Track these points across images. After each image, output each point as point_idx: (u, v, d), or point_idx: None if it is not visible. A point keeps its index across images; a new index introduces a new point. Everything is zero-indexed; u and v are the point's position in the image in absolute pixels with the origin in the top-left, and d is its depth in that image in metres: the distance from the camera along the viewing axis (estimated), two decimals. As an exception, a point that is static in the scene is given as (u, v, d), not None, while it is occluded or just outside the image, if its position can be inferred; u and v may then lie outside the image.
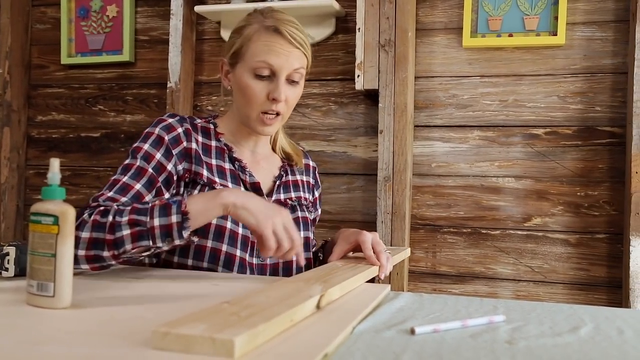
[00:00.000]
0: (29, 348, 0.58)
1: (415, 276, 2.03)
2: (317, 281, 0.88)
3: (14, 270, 0.97)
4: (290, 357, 0.59)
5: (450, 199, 2.02)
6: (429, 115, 2.04)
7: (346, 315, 0.78)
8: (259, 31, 1.14)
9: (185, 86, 2.22)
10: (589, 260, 1.90)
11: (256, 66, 1.13)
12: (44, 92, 2.52)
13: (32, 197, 2.52)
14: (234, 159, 1.21)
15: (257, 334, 0.60)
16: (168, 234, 0.94)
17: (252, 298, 0.74)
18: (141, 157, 1.11)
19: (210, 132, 1.22)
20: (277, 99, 1.13)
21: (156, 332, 0.58)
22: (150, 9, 2.38)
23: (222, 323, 0.61)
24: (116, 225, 0.95)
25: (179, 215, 0.94)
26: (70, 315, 0.73)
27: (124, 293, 0.89)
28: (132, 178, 1.09)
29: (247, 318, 0.63)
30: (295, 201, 1.27)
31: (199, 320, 0.61)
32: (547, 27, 1.91)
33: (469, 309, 0.90)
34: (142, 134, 1.16)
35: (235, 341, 0.56)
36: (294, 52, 1.14)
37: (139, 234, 0.95)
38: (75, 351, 0.58)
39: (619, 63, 1.89)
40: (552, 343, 0.71)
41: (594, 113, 1.91)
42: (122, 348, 0.59)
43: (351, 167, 2.11)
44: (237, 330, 0.58)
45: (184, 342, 0.57)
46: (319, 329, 0.70)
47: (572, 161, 1.92)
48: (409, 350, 0.65)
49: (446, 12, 2.04)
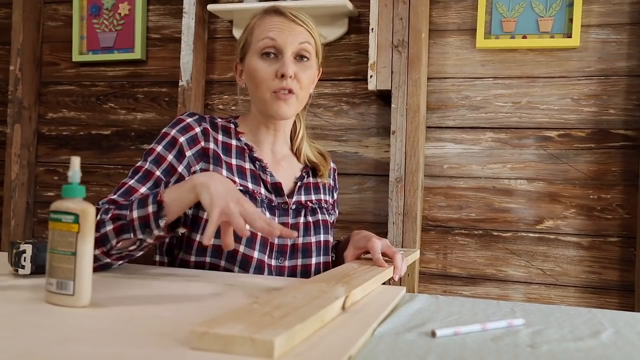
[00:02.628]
0: (54, 347, 0.58)
1: (426, 278, 2.03)
2: (337, 282, 0.88)
3: (30, 267, 0.97)
4: (315, 358, 0.58)
5: (462, 200, 2.01)
6: (442, 116, 2.03)
7: (366, 317, 0.77)
8: (261, 17, 1.18)
9: (197, 85, 2.22)
10: (601, 263, 1.89)
11: (261, 46, 1.14)
12: (55, 89, 2.52)
13: (42, 194, 2.52)
14: (255, 159, 1.20)
15: (294, 334, 0.60)
16: (146, 225, 0.94)
17: (280, 299, 0.73)
18: (151, 160, 1.11)
19: (230, 132, 1.21)
20: (285, 74, 1.12)
21: (194, 331, 0.58)
22: (163, 7, 2.38)
23: (258, 323, 0.60)
24: (101, 222, 0.97)
25: (155, 205, 0.94)
26: (91, 314, 0.73)
27: (142, 292, 0.89)
28: (138, 181, 1.09)
29: (282, 319, 0.63)
30: (316, 204, 1.26)
31: (234, 320, 0.61)
32: (561, 29, 1.90)
33: (486, 311, 0.89)
34: (159, 134, 1.16)
35: (275, 341, 0.55)
36: (297, 29, 1.15)
37: (121, 228, 0.96)
38: (101, 351, 0.58)
39: (634, 66, 1.87)
40: (575, 347, 0.70)
41: (608, 116, 1.90)
42: (145, 348, 0.59)
43: (363, 168, 2.11)
44: (276, 331, 0.58)
45: (222, 342, 0.56)
46: (340, 331, 0.70)
47: (585, 164, 1.91)
48: (432, 354, 0.65)
49: (460, 13, 2.03)
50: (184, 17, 2.21)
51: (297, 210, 1.22)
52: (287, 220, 1.20)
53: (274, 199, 1.19)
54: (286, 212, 1.20)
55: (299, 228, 1.21)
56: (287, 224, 1.19)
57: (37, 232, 2.51)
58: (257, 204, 1.15)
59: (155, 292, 0.89)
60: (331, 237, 1.29)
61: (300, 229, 1.21)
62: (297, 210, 1.22)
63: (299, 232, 1.20)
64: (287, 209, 1.20)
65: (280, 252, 1.17)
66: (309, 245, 1.21)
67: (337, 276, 0.94)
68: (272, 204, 1.19)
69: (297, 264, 1.19)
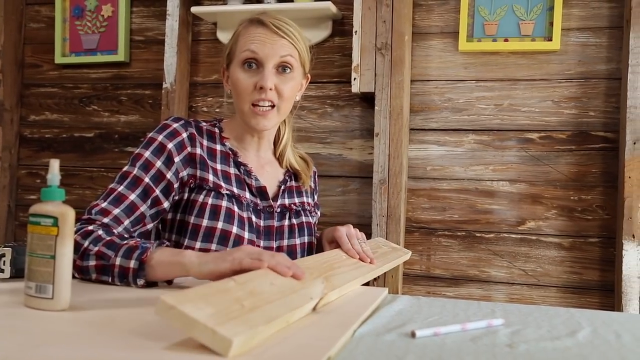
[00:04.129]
0: (31, 350, 0.58)
1: (410, 279, 2.04)
2: (319, 275, 0.88)
3: (9, 271, 0.97)
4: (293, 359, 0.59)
5: (445, 202, 2.02)
6: (425, 118, 2.05)
7: (346, 318, 0.78)
8: (246, 26, 1.18)
9: (180, 87, 2.21)
10: (582, 263, 1.91)
11: (242, 57, 1.15)
12: (37, 91, 2.50)
13: (24, 197, 2.50)
14: (239, 164, 1.21)
15: (255, 335, 0.60)
16: (124, 276, 0.93)
17: (258, 281, 0.74)
18: (139, 166, 1.11)
19: (215, 136, 1.22)
20: (264, 87, 1.12)
21: (163, 302, 0.58)
22: (146, 9, 2.37)
23: (226, 311, 0.61)
24: (85, 253, 0.96)
25: (137, 262, 0.91)
26: (70, 317, 0.73)
27: (123, 295, 0.88)
28: (128, 188, 1.08)
29: (249, 312, 0.63)
30: (299, 206, 1.27)
31: (205, 299, 0.62)
32: (542, 32, 1.93)
33: (467, 312, 0.90)
34: (145, 139, 1.15)
35: (234, 341, 0.56)
36: (280, 41, 1.15)
37: (102, 268, 0.95)
38: (78, 354, 0.57)
39: (613, 69, 1.90)
40: (552, 347, 0.72)
41: (588, 118, 1.92)
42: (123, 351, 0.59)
43: (346, 170, 2.11)
44: (238, 329, 0.58)
45: (186, 322, 0.58)
46: (321, 332, 0.70)
47: (565, 165, 1.93)
48: (411, 354, 0.65)
49: (442, 17, 2.04)
50: (167, 19, 2.20)
51: (281, 213, 1.23)
52: (272, 223, 1.21)
53: (259, 202, 1.20)
54: (271, 215, 1.21)
55: (284, 231, 1.22)
56: (272, 227, 1.21)
57: (19, 235, 2.49)
58: (243, 207, 1.16)
59: (136, 295, 0.89)
60: (314, 238, 1.30)
61: (285, 231, 1.22)
62: (281, 214, 1.23)
63: (284, 234, 1.22)
64: (272, 212, 1.21)
65: None
66: (293, 247, 1.23)
67: (321, 266, 0.95)
68: (258, 208, 1.20)
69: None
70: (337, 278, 0.92)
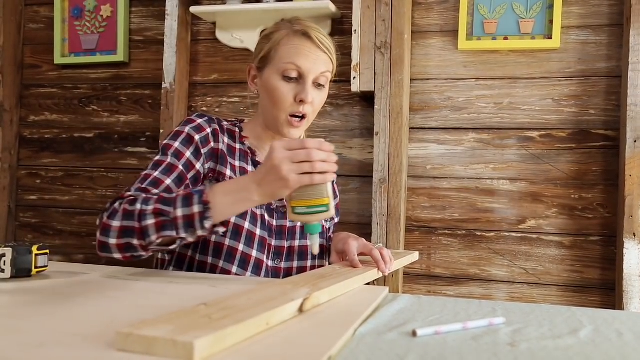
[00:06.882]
0: (31, 350, 0.58)
1: (410, 278, 2.04)
2: (305, 284, 0.88)
3: (9, 271, 0.97)
4: (294, 359, 0.58)
5: (445, 201, 2.02)
6: (425, 117, 2.04)
7: (347, 317, 0.77)
8: (288, 35, 1.18)
9: (180, 87, 2.21)
10: (583, 262, 1.91)
11: (285, 68, 1.16)
12: (37, 92, 2.50)
13: (24, 197, 2.49)
14: (257, 163, 1.23)
15: (224, 336, 0.59)
16: (190, 224, 0.93)
17: (232, 300, 0.73)
18: (172, 154, 1.13)
19: (235, 135, 1.24)
20: (305, 100, 1.15)
21: (120, 333, 0.57)
22: (145, 9, 2.37)
23: (190, 325, 0.60)
24: (142, 213, 0.96)
25: (200, 205, 0.93)
26: (70, 317, 0.72)
27: (125, 298, 0.88)
28: (163, 173, 1.10)
29: (218, 320, 0.62)
30: None
31: (167, 322, 0.61)
32: (542, 30, 1.92)
33: (468, 311, 0.90)
34: (171, 133, 1.17)
35: (195, 344, 0.54)
36: (322, 56, 1.17)
37: (163, 224, 0.94)
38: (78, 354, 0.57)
39: (613, 67, 1.90)
40: (554, 345, 0.71)
41: (588, 116, 1.92)
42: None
43: (346, 169, 2.11)
44: (200, 333, 0.57)
45: (146, 344, 0.56)
46: (322, 331, 0.70)
47: (566, 164, 1.93)
48: (412, 353, 0.65)
49: (442, 15, 2.04)
50: (166, 19, 2.20)
51: None
52: (284, 223, 1.23)
53: (273, 201, 1.21)
54: (284, 215, 1.23)
55: (296, 231, 1.24)
56: (284, 227, 1.22)
57: (19, 235, 2.48)
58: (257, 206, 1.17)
59: (142, 299, 0.89)
60: (326, 241, 1.31)
61: (297, 232, 1.24)
62: None
63: (296, 234, 1.24)
64: (285, 212, 1.23)
65: (277, 254, 1.21)
66: (305, 248, 1.24)
67: (311, 278, 0.94)
68: (271, 207, 1.22)
69: (293, 266, 1.22)
70: (326, 282, 0.91)
